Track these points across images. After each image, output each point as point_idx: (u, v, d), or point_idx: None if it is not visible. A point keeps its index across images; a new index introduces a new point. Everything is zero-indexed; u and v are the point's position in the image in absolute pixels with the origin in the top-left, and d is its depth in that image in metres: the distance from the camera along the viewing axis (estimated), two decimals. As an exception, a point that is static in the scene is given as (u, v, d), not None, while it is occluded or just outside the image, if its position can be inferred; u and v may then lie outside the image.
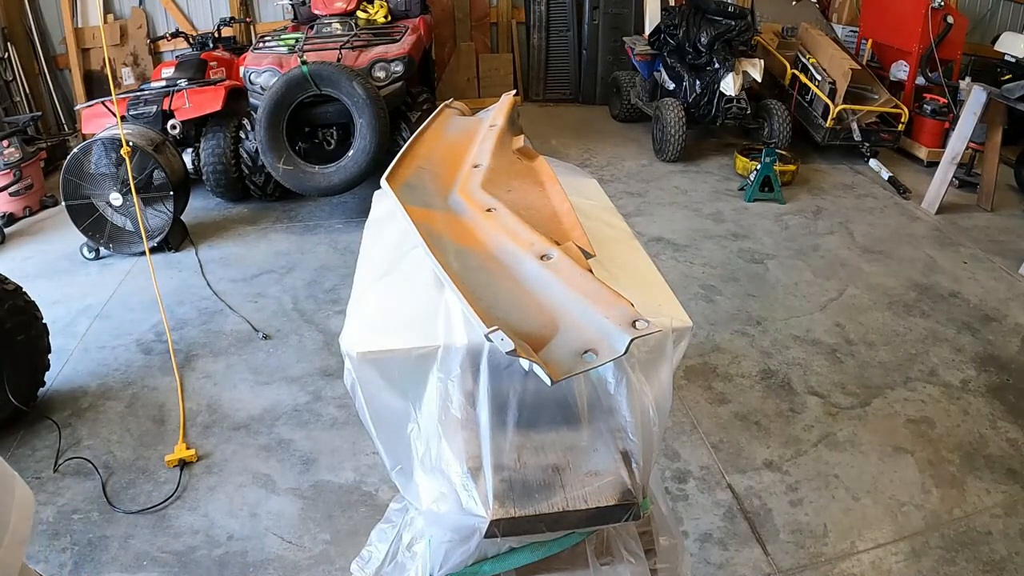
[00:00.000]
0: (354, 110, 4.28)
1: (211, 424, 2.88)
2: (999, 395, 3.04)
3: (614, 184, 5.31)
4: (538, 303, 1.08)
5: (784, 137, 5.55)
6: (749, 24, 5.58)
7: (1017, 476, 2.59)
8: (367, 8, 5.21)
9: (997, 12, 6.96)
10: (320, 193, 4.56)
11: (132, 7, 6.40)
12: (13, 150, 4.81)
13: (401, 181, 1.44)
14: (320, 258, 4.29)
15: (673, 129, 5.52)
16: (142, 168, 4.02)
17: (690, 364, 3.20)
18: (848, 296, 3.83)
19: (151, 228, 4.20)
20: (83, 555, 2.29)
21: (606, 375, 1.12)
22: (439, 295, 1.16)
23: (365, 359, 1.10)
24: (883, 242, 4.48)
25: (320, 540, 2.35)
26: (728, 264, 4.17)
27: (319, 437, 2.80)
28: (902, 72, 6.01)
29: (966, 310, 3.70)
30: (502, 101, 1.87)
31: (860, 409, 2.95)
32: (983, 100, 4.59)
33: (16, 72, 5.85)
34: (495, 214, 1.27)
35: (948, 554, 2.28)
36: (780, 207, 4.98)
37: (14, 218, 4.84)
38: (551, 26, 7.30)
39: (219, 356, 3.32)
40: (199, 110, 4.78)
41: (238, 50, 5.84)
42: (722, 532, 2.36)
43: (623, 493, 1.20)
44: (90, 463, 2.64)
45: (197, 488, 2.56)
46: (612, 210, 1.60)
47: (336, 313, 3.64)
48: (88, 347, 3.41)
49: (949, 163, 4.81)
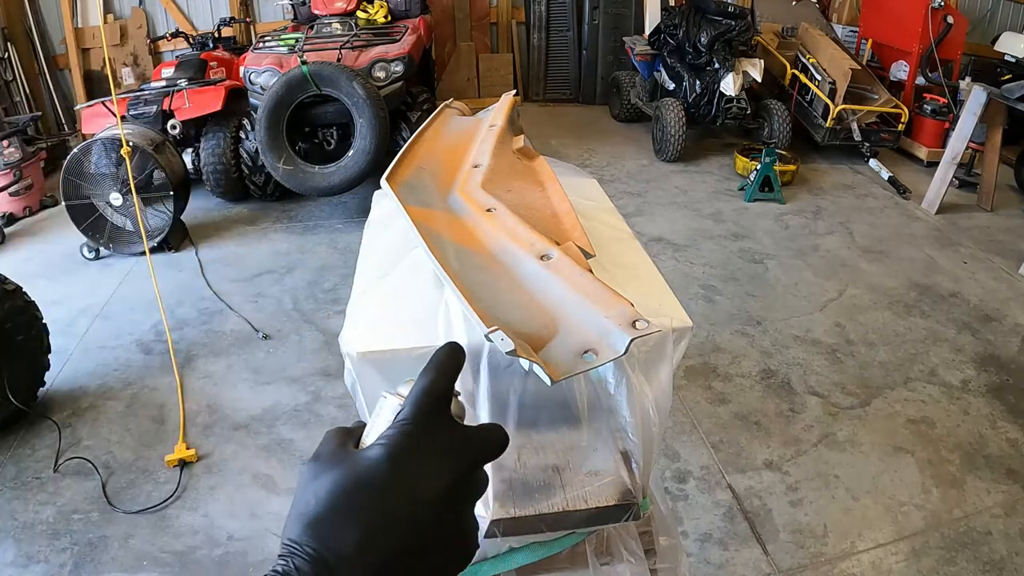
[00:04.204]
0: (354, 110, 4.28)
1: (211, 424, 2.88)
2: (999, 395, 3.04)
3: (614, 184, 5.31)
4: (538, 303, 1.08)
5: (784, 137, 5.55)
6: (749, 24, 5.58)
7: (1017, 476, 2.59)
8: (367, 8, 5.21)
9: (997, 12, 6.96)
10: (320, 193, 4.56)
11: (132, 7, 6.39)
12: (13, 150, 4.81)
13: (401, 181, 1.44)
14: (320, 258, 4.29)
15: (673, 129, 5.52)
16: (142, 168, 4.02)
17: (690, 364, 3.20)
18: (848, 296, 3.83)
19: (151, 228, 4.19)
20: (83, 555, 2.29)
21: (606, 375, 1.12)
22: (439, 295, 1.16)
23: (365, 359, 1.10)
24: (883, 242, 4.48)
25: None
26: (728, 264, 4.17)
27: (319, 437, 2.76)
28: (902, 72, 6.01)
29: (966, 310, 3.70)
30: (502, 101, 1.87)
31: (860, 409, 2.95)
32: (983, 100, 4.59)
33: (16, 72, 5.84)
34: (495, 214, 1.27)
35: (948, 554, 2.28)
36: (780, 207, 4.98)
37: (14, 218, 4.84)
38: (551, 26, 7.30)
39: (219, 356, 3.32)
40: (199, 110, 4.78)
41: (238, 50, 5.84)
42: (722, 532, 2.36)
43: (623, 493, 1.20)
44: (90, 463, 2.64)
45: (197, 488, 2.56)
46: (612, 210, 1.60)
47: (336, 313, 3.64)
48: (88, 347, 3.41)
49: (949, 163, 4.81)
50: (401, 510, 0.48)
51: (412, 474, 0.49)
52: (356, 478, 0.49)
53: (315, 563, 0.45)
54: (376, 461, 0.49)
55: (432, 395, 0.53)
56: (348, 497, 0.48)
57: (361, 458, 0.50)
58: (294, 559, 0.46)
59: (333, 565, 0.45)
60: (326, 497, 0.48)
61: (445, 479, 0.50)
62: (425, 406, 0.52)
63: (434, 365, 0.55)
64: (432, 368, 0.55)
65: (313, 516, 0.47)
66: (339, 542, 0.46)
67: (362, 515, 0.47)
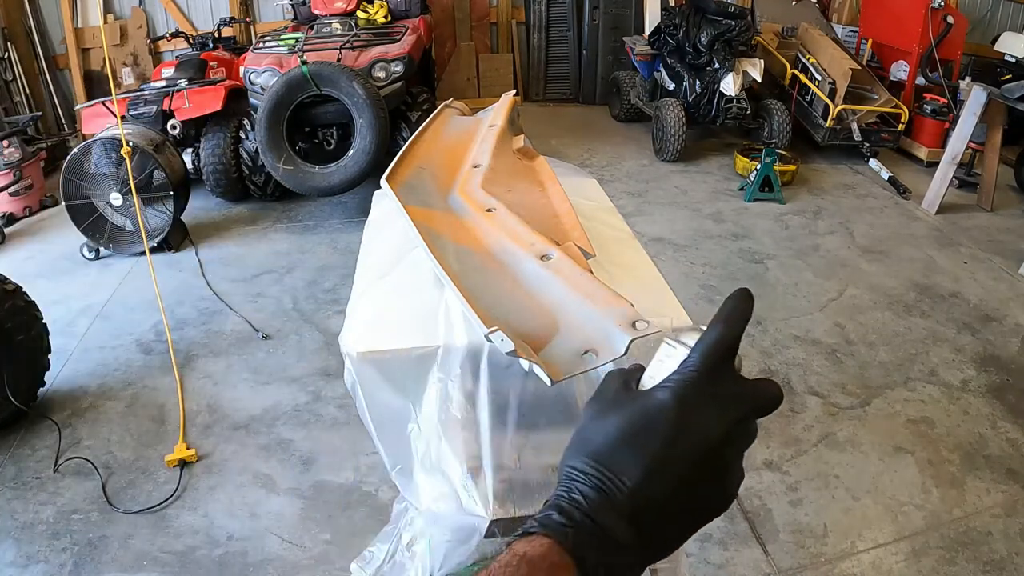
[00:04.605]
0: (354, 110, 4.28)
1: (211, 424, 2.88)
2: (999, 395, 3.03)
3: (614, 184, 5.31)
4: (538, 303, 1.08)
5: (784, 137, 5.55)
6: (749, 24, 5.58)
7: (1017, 476, 2.59)
8: (367, 8, 5.21)
9: (997, 12, 6.95)
10: (320, 193, 4.56)
11: (132, 7, 6.39)
12: (13, 150, 4.81)
13: (401, 181, 1.44)
14: (320, 258, 4.29)
15: (673, 129, 5.52)
16: (142, 168, 4.02)
17: (690, 364, 3.19)
18: (848, 296, 3.83)
19: (151, 228, 4.19)
20: (83, 555, 2.29)
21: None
22: (439, 295, 1.16)
23: (365, 359, 1.10)
24: (883, 242, 4.48)
25: (320, 540, 2.35)
26: (728, 264, 4.17)
27: (319, 437, 2.80)
28: (902, 72, 6.01)
29: (966, 310, 3.70)
30: (502, 101, 1.87)
31: (860, 409, 2.95)
32: (983, 100, 4.59)
33: (16, 72, 5.84)
34: (495, 214, 1.27)
35: (948, 554, 2.28)
36: (780, 207, 4.98)
37: (14, 218, 4.84)
38: (551, 26, 7.29)
39: (219, 356, 3.32)
40: (199, 110, 4.77)
41: (238, 50, 5.84)
42: (722, 532, 2.36)
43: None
44: (90, 463, 2.64)
45: (197, 488, 2.56)
46: (612, 210, 1.60)
47: (336, 313, 3.64)
48: (88, 347, 3.41)
49: (949, 163, 4.81)
50: (685, 448, 0.51)
51: (697, 417, 0.53)
52: (645, 414, 0.53)
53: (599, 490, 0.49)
54: (666, 402, 0.53)
55: (721, 346, 0.56)
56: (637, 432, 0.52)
57: (651, 398, 0.54)
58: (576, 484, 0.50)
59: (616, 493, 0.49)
60: (615, 431, 0.53)
61: (724, 425, 0.53)
62: (713, 357, 0.55)
63: (724, 316, 0.58)
64: (722, 320, 0.57)
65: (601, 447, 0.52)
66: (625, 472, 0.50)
67: (650, 448, 0.51)
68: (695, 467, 0.51)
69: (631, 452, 0.51)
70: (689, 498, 0.52)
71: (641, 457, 0.51)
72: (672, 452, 0.51)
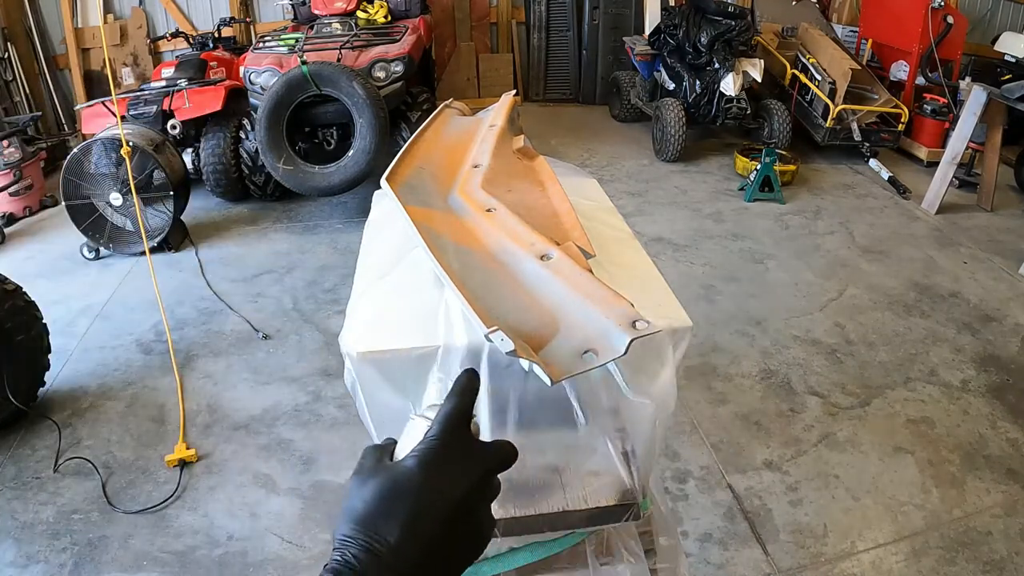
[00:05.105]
0: (354, 110, 4.28)
1: (211, 424, 2.88)
2: (999, 395, 3.04)
3: (614, 184, 5.31)
4: (538, 303, 1.08)
5: (784, 137, 5.55)
6: (749, 24, 5.58)
7: (1017, 476, 2.59)
8: (367, 8, 5.22)
9: (997, 12, 6.96)
10: (320, 193, 4.56)
11: (132, 7, 6.39)
12: (13, 150, 4.81)
13: (401, 181, 1.44)
14: (320, 258, 4.29)
15: (673, 129, 5.52)
16: (142, 168, 4.02)
17: (690, 364, 3.19)
18: (848, 296, 3.83)
19: (151, 228, 4.20)
20: (83, 555, 2.29)
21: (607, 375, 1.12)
22: (439, 295, 1.16)
23: (365, 359, 1.10)
24: (883, 242, 4.48)
25: (320, 540, 2.35)
26: (728, 264, 4.17)
27: (319, 437, 2.80)
28: (902, 72, 6.01)
29: (966, 310, 3.70)
30: (502, 101, 1.87)
31: (860, 409, 2.95)
32: (983, 100, 4.59)
33: (16, 72, 5.84)
34: (495, 214, 1.27)
35: (948, 554, 2.28)
36: (780, 207, 4.98)
37: (14, 218, 4.84)
38: (551, 26, 7.30)
39: (219, 356, 3.32)
40: (199, 110, 4.78)
41: (238, 50, 5.84)
42: (722, 532, 2.36)
43: (623, 493, 1.20)
44: (90, 463, 2.64)
45: (197, 488, 2.56)
46: (612, 210, 1.60)
47: (336, 313, 3.64)
48: (88, 347, 3.41)
49: (949, 163, 4.81)
50: (433, 506, 0.59)
51: (440, 479, 0.61)
52: (395, 483, 0.60)
53: (366, 551, 0.56)
54: (412, 469, 0.61)
55: (455, 416, 0.65)
56: (390, 498, 0.59)
57: (399, 467, 0.62)
58: (348, 549, 0.56)
59: (381, 552, 0.56)
60: (372, 499, 0.59)
61: (466, 483, 0.61)
62: (449, 425, 0.64)
63: (457, 391, 0.68)
64: (455, 394, 0.67)
65: (362, 514, 0.58)
66: (385, 533, 0.57)
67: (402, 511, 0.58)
68: (445, 521, 0.59)
69: (389, 515, 0.58)
70: (445, 546, 0.59)
71: (396, 518, 0.58)
72: (421, 509, 0.58)
